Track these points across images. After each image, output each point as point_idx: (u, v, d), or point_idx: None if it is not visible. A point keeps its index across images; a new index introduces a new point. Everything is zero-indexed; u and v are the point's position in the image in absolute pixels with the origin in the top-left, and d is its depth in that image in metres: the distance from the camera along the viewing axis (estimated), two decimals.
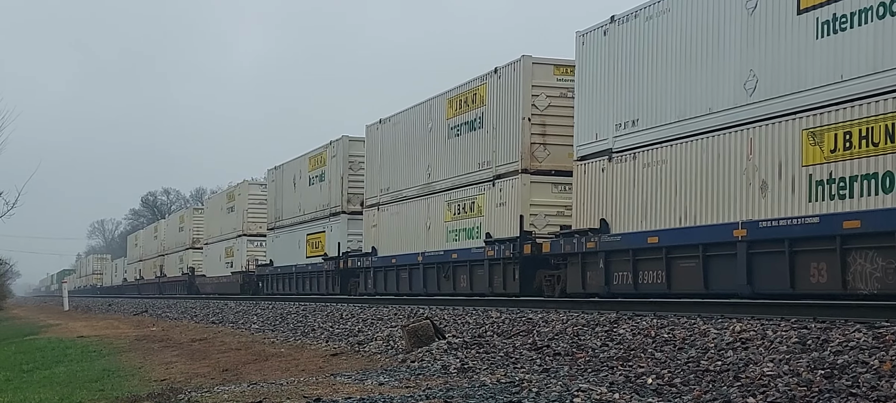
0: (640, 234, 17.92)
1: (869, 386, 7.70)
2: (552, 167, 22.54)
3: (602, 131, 19.42)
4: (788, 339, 9.71)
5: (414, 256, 27.26)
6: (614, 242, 18.60)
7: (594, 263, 19.23)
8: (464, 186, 24.97)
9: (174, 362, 15.49)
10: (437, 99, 26.82)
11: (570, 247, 19.93)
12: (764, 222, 15.07)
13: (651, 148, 17.93)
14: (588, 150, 19.85)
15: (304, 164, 37.85)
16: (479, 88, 24.46)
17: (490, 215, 23.63)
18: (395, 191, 29.25)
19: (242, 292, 44.71)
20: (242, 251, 46.56)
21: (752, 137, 15.53)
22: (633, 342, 11.18)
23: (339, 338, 16.19)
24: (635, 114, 18.43)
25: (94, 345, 20.86)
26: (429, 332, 12.85)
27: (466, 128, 25.02)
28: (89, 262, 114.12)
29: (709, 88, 16.52)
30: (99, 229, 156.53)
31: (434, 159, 26.73)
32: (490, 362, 11.19)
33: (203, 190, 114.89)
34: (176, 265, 62.43)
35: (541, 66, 22.70)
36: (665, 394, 8.46)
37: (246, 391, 9.77)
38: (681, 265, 16.95)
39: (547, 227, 22.29)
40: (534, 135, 22.48)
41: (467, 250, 24.36)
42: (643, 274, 17.84)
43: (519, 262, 22.05)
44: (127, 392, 11.98)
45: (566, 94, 22.53)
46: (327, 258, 34.17)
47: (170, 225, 67.97)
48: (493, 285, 23.11)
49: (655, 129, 17.83)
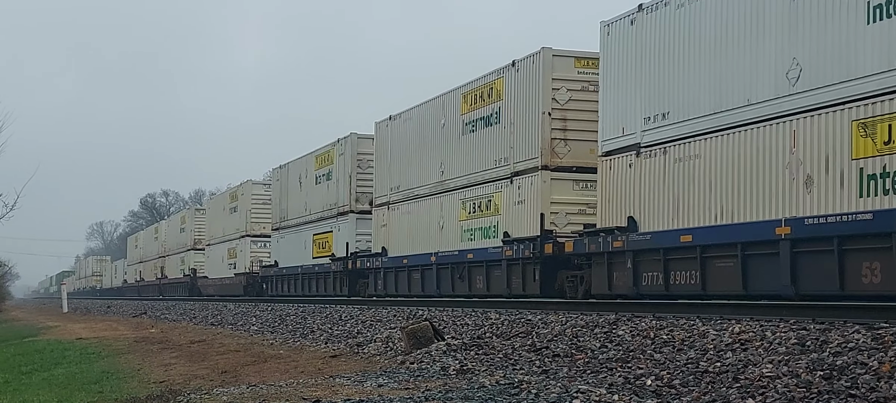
0: (672, 233, 17.06)
1: (868, 387, 7.66)
2: (573, 163, 21.68)
3: (629, 125, 18.56)
4: (787, 340, 9.64)
5: (426, 256, 26.39)
6: (644, 241, 17.74)
7: (621, 263, 18.37)
8: (479, 184, 24.10)
9: (173, 364, 15.46)
10: (451, 94, 25.96)
11: (595, 247, 19.07)
12: (810, 219, 14.20)
13: (683, 142, 17.07)
14: (614, 145, 18.99)
15: (311, 163, 36.97)
16: (496, 82, 23.59)
17: (508, 213, 22.77)
18: (406, 190, 28.38)
19: (246, 294, 43.89)
20: (246, 252, 45.68)
21: (795, 129, 14.66)
22: (632, 343, 11.10)
23: (338, 340, 16.03)
24: (665, 107, 17.57)
25: (93, 347, 20.78)
26: (428, 334, 12.77)
27: (482, 124, 24.16)
28: (88, 264, 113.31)
29: (747, 78, 15.65)
30: (98, 231, 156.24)
31: (447, 156, 25.87)
32: (489, 363, 11.14)
33: (202, 192, 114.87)
34: (177, 266, 61.56)
35: (561, 59, 21.84)
36: (664, 396, 8.43)
37: (245, 392, 9.70)
38: (717, 265, 16.08)
39: (568, 226, 21.43)
40: (554, 131, 21.62)
41: (484, 250, 23.49)
42: (675, 274, 16.97)
43: (540, 262, 21.18)
44: (126, 393, 12.08)
45: (588, 88, 21.71)
46: (335, 258, 33.30)
47: (171, 225, 67.08)
48: (511, 286, 22.24)
49: (688, 122, 16.97)
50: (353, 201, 32.91)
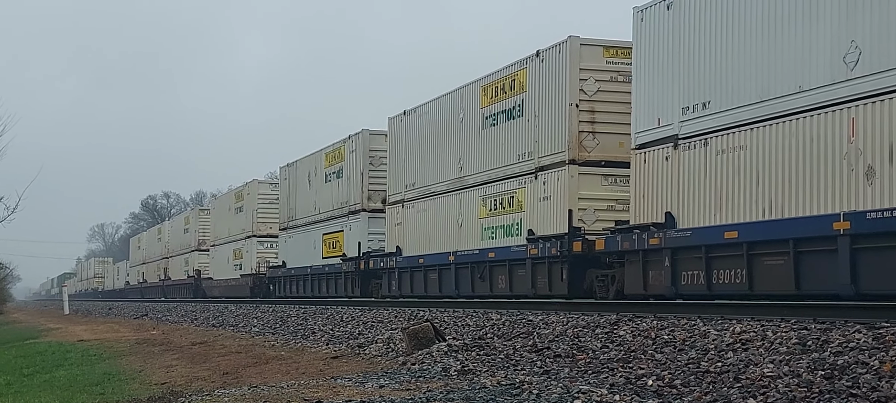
0: (715, 229, 16.06)
1: (869, 387, 7.64)
2: (602, 157, 20.69)
3: (665, 116, 17.56)
4: (788, 340, 9.60)
5: (444, 256, 25.39)
6: (683, 238, 16.74)
7: (658, 262, 17.37)
8: (501, 180, 23.10)
9: (174, 365, 15.51)
10: (469, 86, 24.96)
11: (629, 244, 18.07)
12: (872, 213, 13.18)
13: (726, 132, 16.07)
14: (649, 137, 17.99)
15: (320, 161, 35.96)
16: (519, 73, 22.60)
17: (532, 210, 21.77)
18: (421, 187, 27.38)
19: (253, 295, 42.91)
20: (252, 252, 44.69)
21: (854, 117, 13.65)
22: (633, 343, 11.07)
23: (340, 341, 16.00)
24: (706, 96, 16.57)
25: (94, 349, 20.80)
26: (429, 334, 12.76)
27: (504, 117, 23.17)
28: (90, 266, 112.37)
29: (798, 64, 14.65)
30: (99, 233, 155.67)
31: (466, 151, 24.87)
32: (490, 364, 11.14)
33: (203, 193, 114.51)
34: (181, 267, 60.56)
35: (589, 48, 20.84)
36: (665, 396, 8.44)
37: (246, 394, 9.68)
38: (765, 263, 15.07)
39: (597, 223, 20.44)
40: (582, 123, 20.62)
41: (506, 248, 22.49)
42: (718, 273, 15.97)
43: (567, 261, 20.19)
44: (127, 395, 12.17)
45: (617, 78, 20.75)
46: (346, 258, 32.30)
47: (174, 226, 66.08)
48: (536, 286, 21.24)
49: (731, 112, 15.96)
50: (364, 199, 31.91)
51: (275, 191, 43.97)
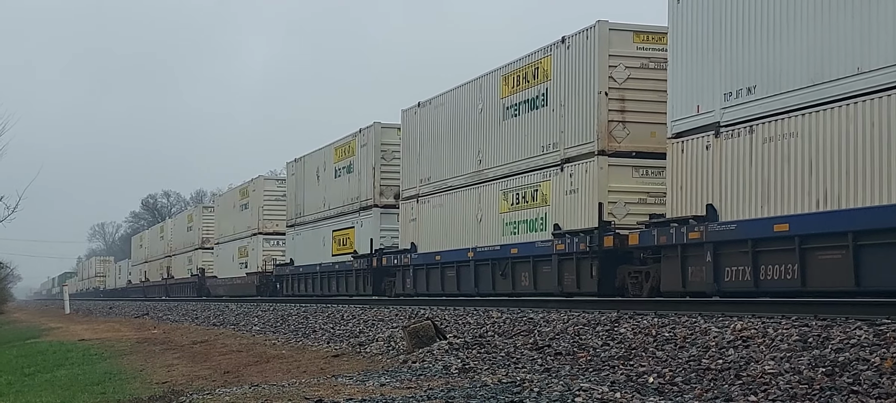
0: (763, 221, 15.07)
1: (870, 384, 7.60)
2: (632, 148, 19.71)
3: (705, 102, 16.57)
4: (789, 337, 9.55)
5: (463, 252, 24.40)
6: (727, 231, 15.76)
7: (699, 257, 16.39)
8: (524, 173, 22.11)
9: (175, 364, 15.50)
10: (489, 76, 23.96)
11: (666, 239, 17.08)
12: None
13: (774, 119, 15.08)
14: (686, 126, 17.00)
15: (329, 155, 34.94)
16: (542, 61, 21.60)
17: (557, 204, 20.78)
18: (437, 181, 26.39)
19: (259, 294, 41.91)
20: (258, 250, 43.68)
21: None
22: (634, 341, 11.04)
23: (341, 339, 15.95)
24: (751, 80, 15.58)
25: (95, 348, 20.78)
26: (430, 333, 12.71)
27: (527, 108, 22.17)
28: (91, 264, 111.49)
29: (856, 44, 13.65)
30: (99, 232, 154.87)
31: (486, 143, 23.88)
32: (491, 362, 11.12)
33: (203, 192, 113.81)
34: (184, 266, 59.56)
35: (618, 33, 19.85)
36: (666, 393, 8.42)
37: (247, 393, 9.62)
38: (820, 257, 14.09)
39: (628, 217, 19.46)
40: (611, 112, 19.63)
41: (530, 244, 21.50)
42: (767, 268, 14.99)
43: (598, 257, 19.20)
44: (128, 394, 12.22)
45: (647, 65, 19.80)
46: (357, 256, 31.30)
47: (177, 224, 65.07)
48: (563, 283, 20.26)
49: (780, 97, 14.97)
50: (376, 194, 30.92)
51: (281, 187, 42.98)
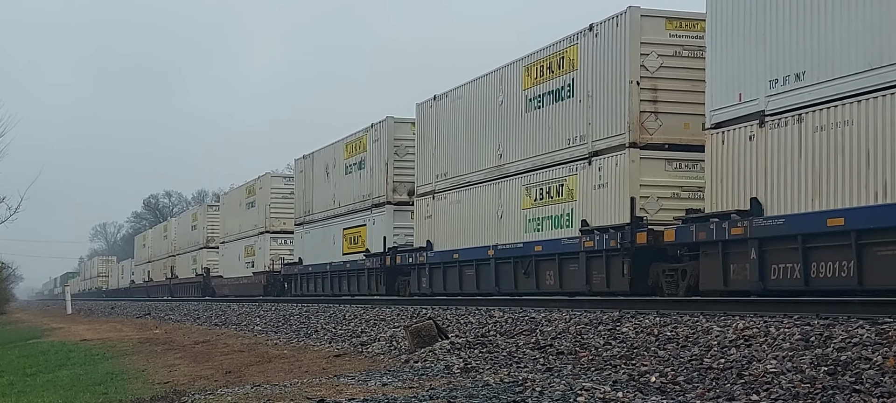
0: (815, 216, 14.16)
1: (872, 383, 7.55)
2: (665, 140, 18.79)
3: (748, 90, 15.65)
4: (791, 336, 9.52)
5: (483, 250, 23.49)
6: (774, 227, 14.83)
7: (742, 254, 15.47)
8: (548, 167, 21.19)
9: (177, 364, 15.51)
10: (510, 67, 23.04)
11: (705, 235, 16.17)
12: None
13: (826, 106, 14.16)
14: (727, 115, 16.08)
15: (340, 151, 34.01)
16: (568, 50, 20.69)
17: (585, 199, 19.86)
18: (455, 177, 25.47)
19: (267, 294, 40.98)
20: (265, 249, 42.73)
21: None
22: (636, 340, 11.02)
23: (342, 339, 15.94)
24: (800, 66, 14.66)
25: (97, 349, 20.74)
26: (432, 332, 12.69)
27: (551, 99, 21.25)
28: (94, 265, 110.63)
29: None
30: (101, 232, 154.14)
31: (507, 137, 22.95)
32: (493, 361, 11.08)
33: (205, 192, 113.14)
34: (188, 266, 58.63)
35: (651, 20, 18.92)
36: (669, 392, 8.38)
37: (249, 393, 9.61)
38: (880, 253, 13.17)
39: (660, 212, 18.55)
40: (643, 102, 18.69)
41: (556, 241, 20.58)
42: (819, 265, 14.08)
43: (630, 254, 18.27)
44: (130, 395, 12.21)
45: (681, 53, 18.91)
46: (370, 254, 30.37)
47: (181, 223, 64.16)
48: (591, 282, 19.34)
49: (833, 83, 14.06)
50: (389, 191, 30.00)
51: (289, 184, 42.04)
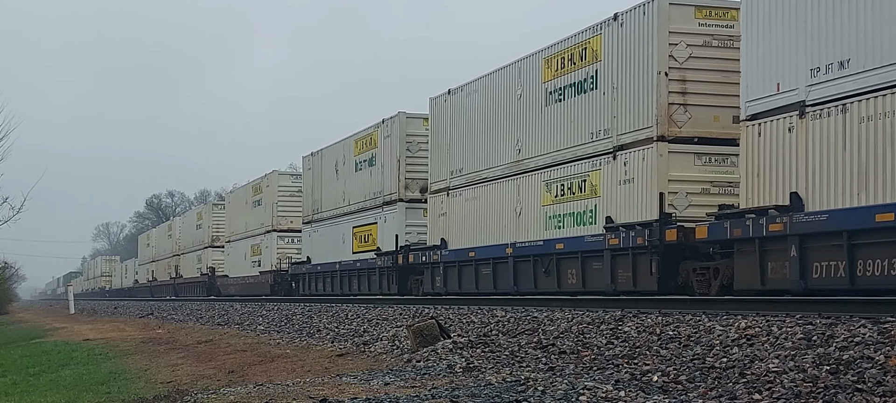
0: (862, 210, 13.42)
1: (874, 382, 7.56)
2: (694, 134, 18.08)
3: (787, 80, 14.92)
4: (794, 335, 9.51)
5: (500, 248, 22.77)
6: (817, 223, 14.09)
7: (780, 251, 14.74)
8: (570, 162, 20.47)
9: (180, 364, 15.55)
10: (529, 59, 22.33)
11: (740, 231, 15.43)
12: None
13: (873, 96, 13.43)
14: (764, 106, 15.35)
15: (350, 148, 33.30)
16: (591, 41, 19.96)
17: (609, 195, 19.13)
18: (471, 173, 24.75)
19: (274, 293, 40.25)
20: (272, 248, 42.05)
21: None
22: (638, 340, 11.01)
23: (345, 339, 15.93)
24: (845, 53, 13.93)
25: (100, 348, 20.75)
26: (434, 332, 12.71)
27: (573, 92, 20.52)
28: (97, 264, 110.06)
29: None
30: (104, 232, 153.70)
31: (526, 131, 22.23)
32: (495, 361, 11.11)
33: (208, 192, 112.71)
34: (193, 265, 57.95)
35: (679, 8, 18.21)
36: (671, 392, 8.41)
37: (252, 392, 9.56)
38: None
39: (689, 208, 17.83)
40: (672, 94, 17.98)
41: (578, 239, 19.85)
42: (866, 263, 13.34)
43: (659, 252, 17.54)
44: (133, 394, 12.27)
45: (711, 42, 18.22)
46: (381, 253, 29.66)
47: (186, 222, 63.50)
48: (617, 281, 18.61)
49: (881, 70, 13.33)
50: (401, 188, 29.29)
51: (296, 182, 41.35)
